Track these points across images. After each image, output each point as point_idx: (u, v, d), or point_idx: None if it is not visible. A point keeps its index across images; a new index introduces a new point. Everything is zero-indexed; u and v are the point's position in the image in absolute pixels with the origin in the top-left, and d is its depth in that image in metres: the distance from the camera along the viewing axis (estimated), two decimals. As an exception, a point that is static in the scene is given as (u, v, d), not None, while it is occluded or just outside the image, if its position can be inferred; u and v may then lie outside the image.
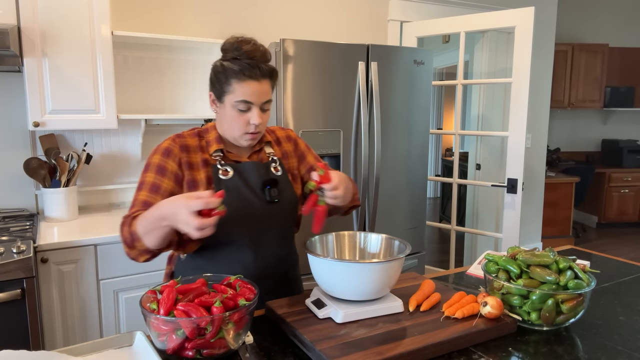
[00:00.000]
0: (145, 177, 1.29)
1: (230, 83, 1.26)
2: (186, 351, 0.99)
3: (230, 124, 1.30)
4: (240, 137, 1.32)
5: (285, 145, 1.49)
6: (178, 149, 1.31)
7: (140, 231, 1.16)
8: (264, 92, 1.28)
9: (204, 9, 2.81)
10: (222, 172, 1.32)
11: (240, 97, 1.26)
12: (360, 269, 1.14)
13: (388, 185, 2.60)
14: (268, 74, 1.29)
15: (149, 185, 1.27)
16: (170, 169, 1.29)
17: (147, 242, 1.17)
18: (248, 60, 1.26)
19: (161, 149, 1.32)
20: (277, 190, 1.36)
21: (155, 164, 1.30)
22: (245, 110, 1.28)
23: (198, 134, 1.37)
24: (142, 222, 1.16)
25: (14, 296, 1.82)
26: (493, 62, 3.87)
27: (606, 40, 5.87)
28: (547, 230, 5.00)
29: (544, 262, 1.23)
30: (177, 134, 1.36)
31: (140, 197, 1.26)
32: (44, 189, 2.31)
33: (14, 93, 2.41)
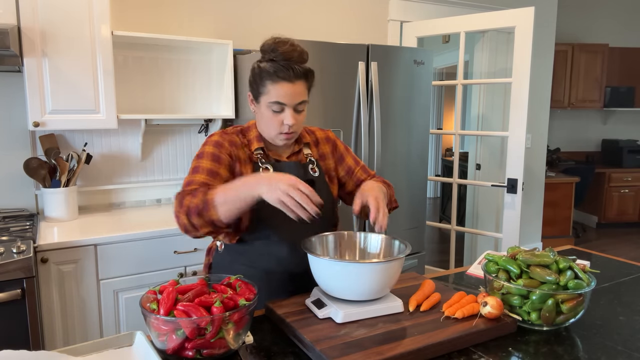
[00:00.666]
0: (201, 163, 1.31)
1: (264, 84, 1.30)
2: (186, 351, 0.99)
3: (266, 124, 1.34)
4: (276, 137, 1.35)
5: (323, 146, 1.52)
6: (228, 143, 1.35)
7: (220, 200, 1.16)
8: (297, 93, 1.30)
9: (204, 9, 2.81)
10: (263, 170, 1.35)
11: (274, 98, 1.29)
12: (360, 269, 1.14)
13: (388, 185, 2.60)
14: (302, 75, 1.31)
15: (206, 170, 1.29)
16: (225, 158, 1.33)
17: (222, 211, 1.16)
18: (283, 62, 1.28)
19: (212, 141, 1.35)
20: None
21: (210, 152, 1.32)
22: (279, 111, 1.31)
23: (241, 132, 1.41)
24: (224, 192, 1.17)
25: (14, 296, 1.82)
26: (493, 62, 3.87)
27: (606, 40, 5.87)
28: (547, 230, 5.00)
29: (544, 262, 1.23)
30: (223, 130, 1.40)
31: (199, 178, 1.27)
32: (44, 189, 2.31)
33: (14, 93, 2.41)
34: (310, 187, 1.14)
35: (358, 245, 1.38)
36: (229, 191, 1.17)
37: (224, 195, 1.17)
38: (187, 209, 1.19)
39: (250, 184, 1.15)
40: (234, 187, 1.17)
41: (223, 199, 1.16)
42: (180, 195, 1.24)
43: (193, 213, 1.18)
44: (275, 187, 1.11)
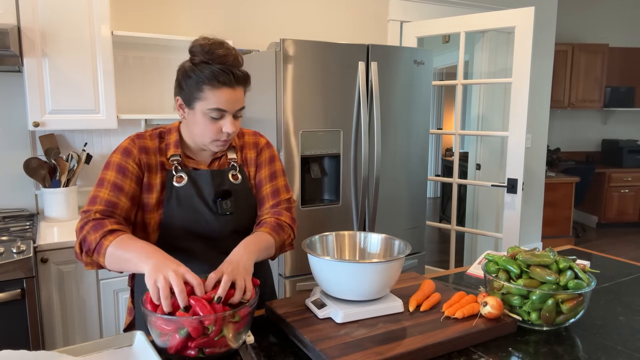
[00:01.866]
0: (106, 175, 1.24)
1: (202, 89, 1.18)
2: (189, 350, 0.99)
3: (201, 131, 1.23)
4: (211, 144, 1.25)
5: (249, 152, 1.40)
6: (137, 149, 1.26)
7: (111, 251, 1.11)
8: (238, 99, 1.22)
9: (204, 9, 2.81)
10: (177, 179, 1.27)
11: (214, 104, 1.19)
12: (360, 269, 1.14)
13: (388, 185, 2.60)
14: (242, 80, 1.22)
15: (111, 184, 1.22)
16: (131, 169, 1.24)
17: (108, 262, 1.13)
18: (220, 66, 1.18)
19: (121, 148, 1.27)
20: (230, 202, 1.30)
21: (116, 163, 1.25)
22: (218, 118, 1.21)
23: (159, 135, 1.31)
24: (120, 246, 1.11)
25: (14, 296, 1.82)
26: (493, 62, 3.87)
27: (606, 40, 5.87)
28: (547, 230, 5.00)
29: (544, 262, 1.23)
30: (137, 134, 1.30)
31: (103, 195, 1.21)
32: (44, 189, 2.31)
33: (14, 93, 2.41)
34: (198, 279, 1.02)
35: (358, 245, 1.38)
36: (125, 249, 1.10)
37: (117, 249, 1.11)
38: (82, 239, 1.16)
39: (142, 255, 1.06)
40: (129, 248, 1.10)
41: (114, 252, 1.11)
42: (84, 217, 1.19)
43: (84, 248, 1.15)
44: (158, 268, 1.01)
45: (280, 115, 2.24)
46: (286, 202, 1.40)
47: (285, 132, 2.25)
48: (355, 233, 1.39)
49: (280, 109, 2.24)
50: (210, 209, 1.28)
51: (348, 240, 1.38)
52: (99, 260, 1.14)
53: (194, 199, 1.27)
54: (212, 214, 1.28)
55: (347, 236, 1.38)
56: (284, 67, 2.20)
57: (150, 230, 1.27)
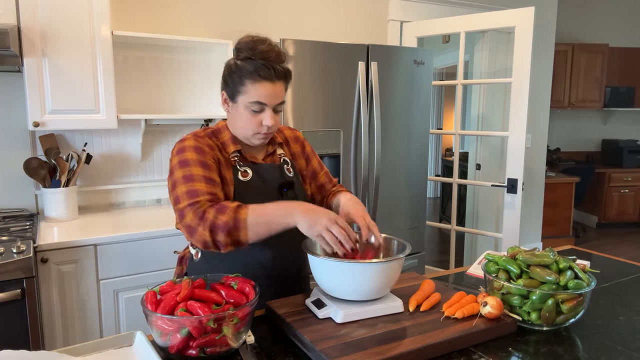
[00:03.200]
0: (192, 170, 1.22)
1: (244, 83, 1.24)
2: (190, 350, 0.99)
3: (243, 124, 1.29)
4: (252, 137, 1.31)
5: (294, 146, 1.49)
6: (206, 147, 1.28)
7: (252, 221, 1.13)
8: (277, 93, 1.27)
9: (204, 9, 2.81)
10: (242, 174, 1.32)
11: (254, 98, 1.25)
12: (360, 269, 1.14)
13: (388, 185, 2.60)
14: (283, 76, 1.27)
15: (202, 177, 1.21)
16: (211, 164, 1.26)
17: (252, 233, 1.14)
18: (263, 61, 1.24)
19: (190, 147, 1.27)
20: (294, 193, 1.37)
21: (195, 159, 1.24)
22: (259, 111, 1.27)
23: (212, 134, 1.35)
24: (257, 213, 1.14)
25: (14, 296, 1.82)
26: (493, 62, 3.87)
27: (606, 40, 5.87)
28: (547, 230, 5.00)
29: (544, 262, 1.23)
30: (194, 133, 1.32)
31: (200, 187, 1.19)
32: (44, 189, 2.31)
33: (14, 93, 2.41)
34: (345, 223, 1.15)
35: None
36: (263, 214, 1.14)
37: (257, 217, 1.14)
38: (211, 225, 1.13)
39: (287, 211, 1.14)
40: (267, 211, 1.14)
41: (255, 220, 1.13)
42: (198, 208, 1.16)
43: (221, 230, 1.13)
44: (316, 221, 1.12)
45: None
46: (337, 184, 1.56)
47: (285, 132, 2.25)
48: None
49: (280, 109, 2.24)
50: (276, 199, 1.29)
51: (348, 240, 1.38)
52: (240, 236, 1.14)
53: (262, 191, 1.32)
54: None
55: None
56: (284, 67, 2.20)
57: None
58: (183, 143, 1.29)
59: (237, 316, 1.01)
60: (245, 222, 1.14)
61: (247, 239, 1.15)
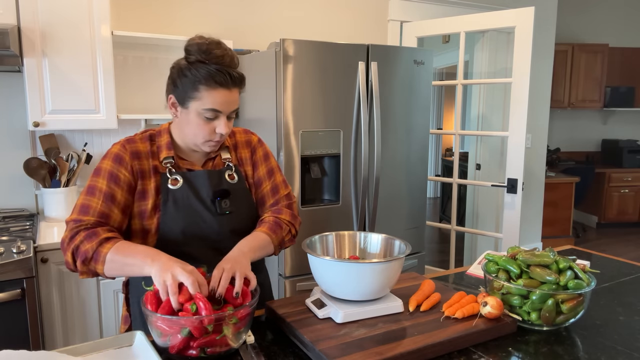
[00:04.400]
0: (97, 183, 1.20)
1: (197, 89, 1.17)
2: (190, 350, 0.99)
3: (194, 131, 1.22)
4: (203, 144, 1.24)
5: (242, 151, 1.39)
6: (129, 156, 1.23)
7: (110, 258, 1.10)
8: (233, 100, 1.21)
9: (204, 9, 2.81)
10: (172, 182, 1.24)
11: (209, 105, 1.17)
12: (360, 269, 1.14)
13: (388, 185, 2.60)
14: (239, 82, 1.21)
15: (103, 193, 1.19)
16: (123, 178, 1.21)
17: (107, 269, 1.11)
18: (217, 66, 1.17)
19: (112, 154, 1.23)
20: (229, 201, 1.28)
21: (107, 170, 1.21)
22: (212, 119, 1.20)
23: (150, 138, 1.29)
24: (119, 252, 1.10)
25: (14, 296, 1.82)
26: (493, 62, 3.87)
27: (606, 40, 5.87)
28: (547, 230, 5.00)
29: (544, 262, 1.23)
30: (127, 138, 1.27)
31: (95, 205, 1.17)
32: (44, 189, 2.31)
33: (14, 93, 2.41)
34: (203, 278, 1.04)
35: (358, 245, 1.38)
36: (124, 254, 1.10)
37: (117, 255, 1.10)
38: (74, 248, 1.13)
39: (148, 259, 1.06)
40: (129, 252, 1.10)
41: (113, 258, 1.10)
42: (75, 227, 1.15)
43: (80, 257, 1.12)
44: (167, 268, 1.02)
45: (280, 115, 2.24)
46: (285, 199, 1.40)
47: (285, 132, 2.25)
48: (355, 233, 1.39)
49: (280, 109, 2.24)
50: (208, 209, 1.26)
51: (348, 240, 1.38)
52: (97, 269, 1.13)
53: (191, 200, 1.25)
54: (210, 214, 1.26)
55: (347, 236, 1.38)
56: (284, 67, 2.20)
57: (149, 236, 1.24)
58: (111, 148, 1.26)
59: (237, 316, 1.01)
60: (104, 257, 1.11)
61: (103, 272, 1.12)
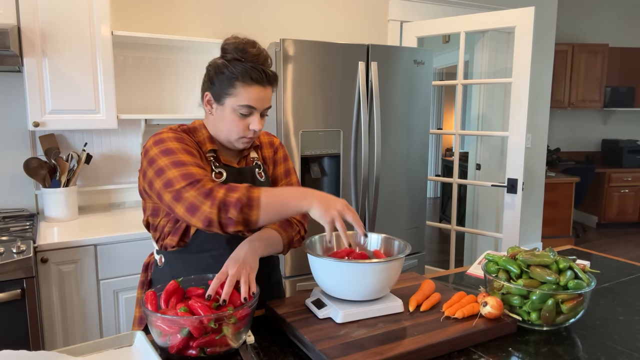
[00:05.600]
0: (180, 157, 1.16)
1: (234, 85, 1.21)
2: (190, 350, 0.99)
3: (229, 127, 1.25)
4: (236, 141, 1.28)
5: (266, 151, 1.45)
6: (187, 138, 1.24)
7: (265, 201, 1.09)
8: (267, 98, 1.25)
9: (204, 9, 2.81)
10: (216, 175, 1.28)
11: (245, 101, 1.21)
12: (360, 269, 1.14)
13: (388, 185, 2.60)
14: (273, 80, 1.25)
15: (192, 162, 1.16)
16: (196, 153, 1.22)
17: (263, 214, 1.09)
18: (253, 64, 1.21)
19: (171, 138, 1.21)
20: None
21: (179, 148, 1.19)
22: (246, 115, 1.24)
23: (188, 131, 1.30)
24: (270, 195, 1.10)
25: (14, 296, 1.82)
26: (493, 62, 3.87)
27: (606, 40, 5.87)
28: (547, 230, 5.00)
29: (544, 262, 1.23)
30: (169, 128, 1.27)
31: (194, 170, 1.13)
32: (44, 189, 2.31)
33: (14, 93, 2.41)
34: (356, 214, 1.13)
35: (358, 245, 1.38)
36: (276, 196, 1.11)
37: (271, 198, 1.10)
38: (221, 202, 1.07)
39: (302, 195, 1.11)
40: (281, 194, 1.11)
41: (269, 201, 1.09)
42: (202, 186, 1.10)
43: (233, 207, 1.07)
44: (330, 206, 1.10)
45: (280, 115, 2.24)
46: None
47: (285, 132, 2.25)
48: (355, 233, 1.39)
49: (280, 109, 2.24)
50: None
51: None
52: (252, 215, 1.09)
53: None
54: None
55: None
56: (284, 67, 2.20)
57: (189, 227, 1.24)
58: (160, 135, 1.23)
59: (236, 316, 1.01)
60: (259, 201, 1.09)
61: (258, 218, 1.09)
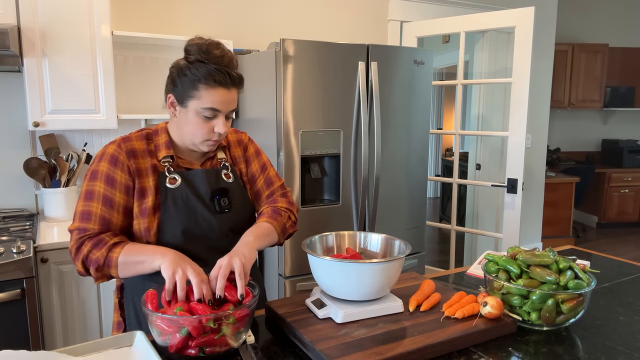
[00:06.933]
0: (95, 187, 1.21)
1: (197, 88, 1.18)
2: (189, 349, 0.99)
3: (193, 130, 1.23)
4: (201, 144, 1.25)
5: (235, 150, 1.42)
6: (124, 155, 1.23)
7: (122, 260, 1.15)
8: (232, 100, 1.22)
9: (204, 9, 2.81)
10: (170, 181, 1.25)
11: (208, 104, 1.19)
12: (360, 269, 1.14)
13: (388, 185, 2.60)
14: (237, 82, 1.23)
15: (102, 197, 1.20)
16: (120, 179, 1.22)
17: (121, 271, 1.16)
18: (216, 66, 1.18)
19: (108, 155, 1.23)
20: (227, 200, 1.31)
21: (104, 173, 1.22)
22: (211, 118, 1.21)
23: (146, 137, 1.30)
24: (128, 254, 1.15)
25: (14, 296, 1.82)
26: (493, 62, 3.87)
27: (606, 40, 5.87)
28: (547, 230, 5.00)
29: (544, 262, 1.23)
30: (123, 137, 1.27)
31: (95, 210, 1.19)
32: (44, 189, 2.31)
33: (14, 93, 2.41)
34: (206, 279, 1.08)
35: (358, 245, 1.38)
36: (134, 255, 1.15)
37: (128, 257, 1.15)
38: (84, 258, 1.17)
39: (157, 255, 1.12)
40: (141, 252, 1.15)
41: (125, 260, 1.15)
42: (79, 237, 1.18)
43: (92, 266, 1.17)
44: (177, 265, 1.07)
45: (280, 115, 2.24)
46: (280, 189, 1.44)
47: (285, 132, 2.25)
48: (355, 233, 1.39)
49: (280, 109, 2.24)
50: (207, 207, 1.28)
51: (348, 240, 1.38)
52: (111, 273, 1.18)
53: (190, 199, 1.26)
54: (210, 212, 1.28)
55: (347, 236, 1.38)
56: (284, 67, 2.20)
57: (150, 236, 1.24)
58: (106, 148, 1.26)
59: (234, 316, 1.01)
60: (116, 262, 1.16)
61: (117, 275, 1.18)
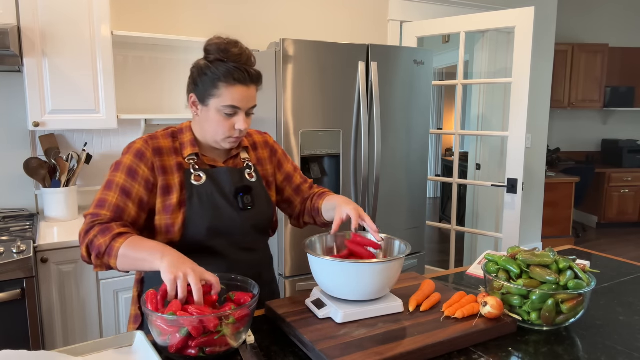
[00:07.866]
0: (115, 177, 1.24)
1: (217, 86, 1.21)
2: (189, 349, 0.99)
3: (214, 128, 1.26)
4: (223, 141, 1.29)
5: (262, 151, 1.46)
6: (151, 152, 1.26)
7: (123, 252, 1.13)
8: (251, 97, 1.26)
9: (204, 9, 2.81)
10: (195, 178, 1.28)
11: (228, 101, 1.22)
12: (360, 269, 1.14)
13: (388, 185, 2.60)
14: (256, 79, 1.26)
15: (120, 187, 1.22)
16: (142, 173, 1.25)
17: (120, 263, 1.15)
18: (235, 64, 1.22)
19: (134, 149, 1.27)
20: (251, 197, 1.34)
21: (127, 165, 1.25)
22: (231, 115, 1.24)
23: (172, 135, 1.33)
24: (131, 247, 1.13)
25: (14, 296, 1.82)
26: (493, 62, 3.87)
27: (606, 40, 5.87)
28: (547, 230, 5.00)
29: (544, 262, 1.23)
30: (150, 135, 1.31)
31: (111, 199, 1.21)
32: (44, 189, 2.31)
33: (14, 93, 2.41)
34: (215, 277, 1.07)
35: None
36: (136, 249, 1.13)
37: (129, 250, 1.13)
38: (89, 242, 1.17)
39: (158, 254, 1.09)
40: (141, 247, 1.13)
41: (125, 253, 1.13)
42: (91, 221, 1.19)
43: (94, 251, 1.17)
44: (178, 266, 1.05)
45: (280, 115, 2.24)
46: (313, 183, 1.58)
47: (285, 132, 2.25)
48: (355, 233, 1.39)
49: (280, 109, 2.24)
50: (231, 204, 1.31)
51: (348, 240, 1.38)
52: (110, 262, 1.17)
53: (214, 195, 1.29)
54: (233, 209, 1.31)
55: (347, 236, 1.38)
56: (284, 67, 2.20)
57: (173, 232, 1.26)
58: (133, 143, 1.29)
59: (234, 316, 1.01)
60: (117, 252, 1.14)
61: (116, 267, 1.16)
